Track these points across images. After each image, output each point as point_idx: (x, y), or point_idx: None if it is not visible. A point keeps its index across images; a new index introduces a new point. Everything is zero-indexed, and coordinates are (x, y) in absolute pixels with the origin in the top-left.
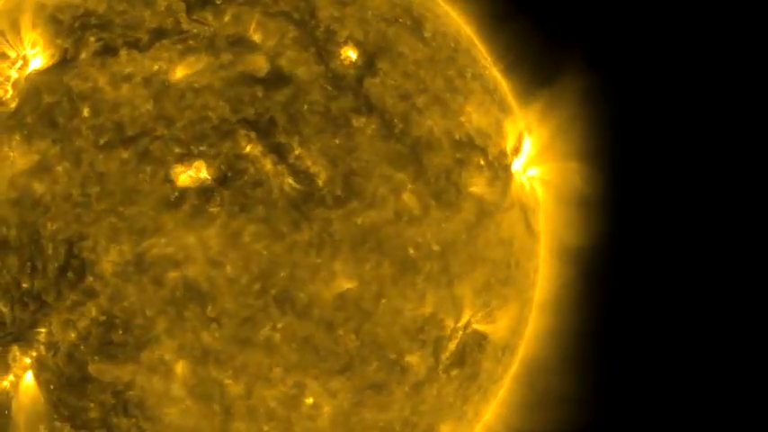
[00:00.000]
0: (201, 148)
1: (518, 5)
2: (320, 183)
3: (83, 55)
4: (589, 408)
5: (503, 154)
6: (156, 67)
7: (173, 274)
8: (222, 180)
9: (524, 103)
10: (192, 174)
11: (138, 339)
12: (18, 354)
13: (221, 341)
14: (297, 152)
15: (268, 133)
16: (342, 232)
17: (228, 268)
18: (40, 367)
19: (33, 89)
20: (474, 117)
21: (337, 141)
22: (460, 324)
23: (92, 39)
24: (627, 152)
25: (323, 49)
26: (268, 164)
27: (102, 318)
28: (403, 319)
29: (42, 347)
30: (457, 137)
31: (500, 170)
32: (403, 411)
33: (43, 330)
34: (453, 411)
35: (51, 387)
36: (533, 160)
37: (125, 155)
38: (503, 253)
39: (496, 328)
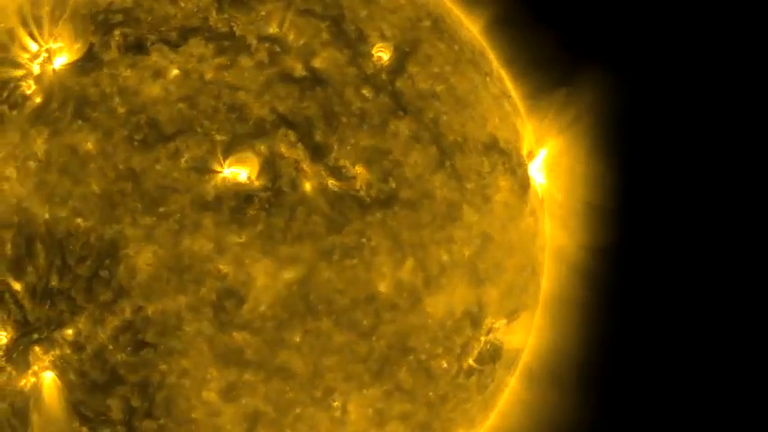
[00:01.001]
0: (240, 148)
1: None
2: (358, 185)
3: (112, 50)
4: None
5: (521, 158)
6: (189, 65)
7: (209, 276)
8: (262, 181)
9: (534, 107)
10: (230, 174)
11: (171, 341)
12: (40, 353)
13: (256, 344)
14: (335, 153)
15: (306, 134)
16: (379, 235)
17: (266, 270)
18: (62, 367)
19: (61, 84)
20: (497, 121)
21: (374, 143)
22: (484, 330)
23: (118, 33)
24: (637, 156)
25: (355, 49)
26: (307, 165)
27: (135, 318)
28: (434, 324)
29: (67, 347)
30: (484, 140)
31: (520, 175)
32: (425, 417)
33: (70, 330)
34: (467, 417)
35: (74, 387)
36: (543, 165)
37: (161, 153)
38: (522, 259)
39: (512, 335)
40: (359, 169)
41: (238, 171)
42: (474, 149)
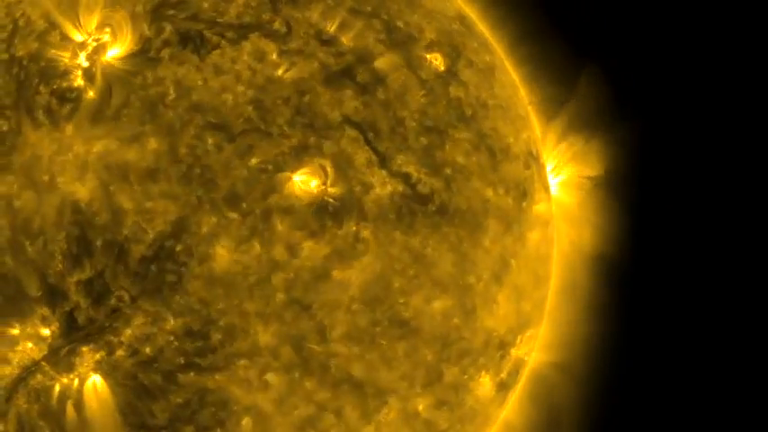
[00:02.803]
0: (310, 152)
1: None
2: (422, 191)
3: (169, 45)
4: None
5: (545, 167)
6: (250, 63)
7: (277, 283)
8: (332, 186)
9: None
10: (301, 178)
11: (233, 347)
12: (88, 354)
13: (323, 355)
14: (400, 159)
15: (372, 138)
16: (441, 246)
17: (337, 279)
18: (110, 370)
19: (117, 79)
20: (530, 129)
21: (436, 150)
22: (518, 342)
23: (170, 28)
24: (645, 160)
25: (410, 52)
26: (375, 170)
27: (197, 324)
28: (484, 337)
29: (121, 349)
30: (524, 149)
31: (547, 184)
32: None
33: (126, 331)
34: (489, 425)
35: (121, 391)
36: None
37: (230, 153)
38: (545, 271)
39: (534, 346)
40: (422, 176)
41: (309, 176)
42: (518, 158)
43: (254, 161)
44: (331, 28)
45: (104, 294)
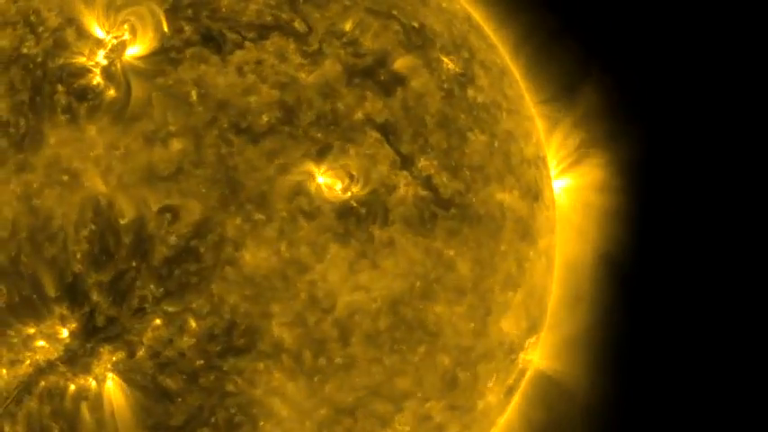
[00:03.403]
0: (334, 152)
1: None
2: (444, 195)
3: (191, 44)
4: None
5: (549, 170)
6: (272, 63)
7: (301, 286)
8: (357, 189)
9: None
10: (326, 180)
11: (255, 350)
12: (106, 355)
13: (344, 359)
14: (422, 162)
15: (394, 140)
16: (461, 250)
17: (360, 283)
18: (127, 371)
19: (139, 79)
20: (536, 132)
21: (457, 153)
22: (526, 347)
23: (190, 27)
24: (652, 166)
25: (427, 54)
26: (397, 171)
27: (221, 325)
28: (497, 342)
29: (139, 350)
30: (533, 152)
31: (552, 187)
32: None
33: (147, 332)
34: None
35: (139, 392)
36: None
37: (253, 153)
38: (551, 275)
39: (538, 351)
40: (444, 180)
41: (334, 178)
42: (530, 162)
43: (278, 162)
44: (350, 28)
45: (126, 295)
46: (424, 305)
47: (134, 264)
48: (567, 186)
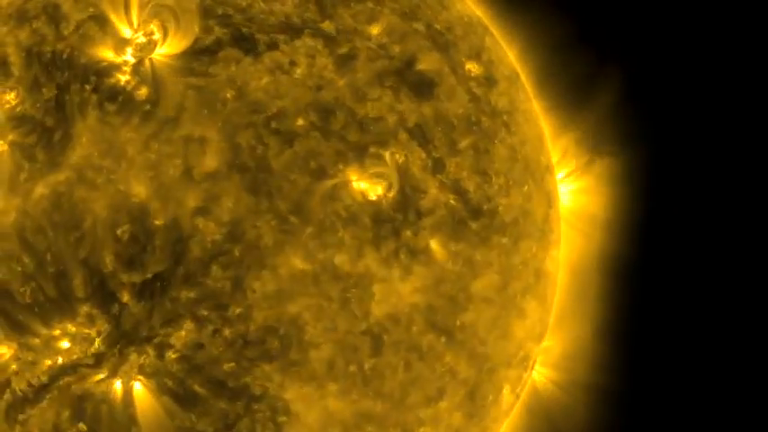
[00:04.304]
0: (368, 155)
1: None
2: (473, 200)
3: (222, 44)
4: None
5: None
6: (305, 64)
7: (336, 292)
8: (392, 193)
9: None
10: (362, 185)
11: (286, 356)
12: (134, 357)
13: (373, 367)
14: (452, 166)
15: (426, 143)
16: (489, 256)
17: (394, 289)
18: (155, 373)
19: (170, 78)
20: (545, 137)
21: (483, 156)
22: (535, 354)
23: (220, 27)
24: (657, 173)
25: (452, 57)
26: (429, 175)
27: (252, 330)
28: (514, 350)
29: (168, 353)
30: (545, 157)
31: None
32: None
33: (179, 335)
34: None
35: (165, 394)
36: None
37: (289, 156)
38: (556, 282)
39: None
40: (473, 184)
41: (369, 182)
42: (545, 168)
43: (314, 166)
44: (378, 31)
45: (158, 298)
46: (453, 313)
47: (167, 266)
48: (571, 192)
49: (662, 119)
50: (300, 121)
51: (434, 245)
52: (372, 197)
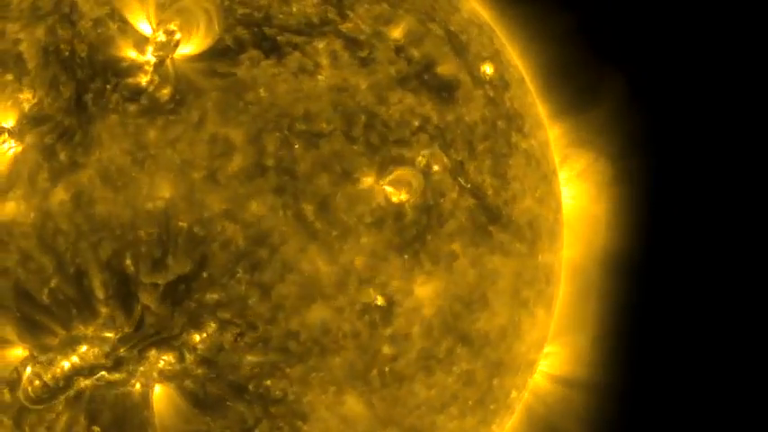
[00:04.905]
0: (391, 158)
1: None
2: (492, 204)
3: (244, 46)
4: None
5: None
6: (327, 65)
7: (360, 296)
8: (416, 197)
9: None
10: (386, 188)
11: (308, 362)
12: (153, 359)
13: (393, 374)
14: (471, 169)
15: (446, 146)
16: (507, 261)
17: (419, 296)
18: (174, 376)
19: (193, 79)
20: (548, 139)
21: (501, 160)
22: (540, 358)
23: (242, 28)
24: (658, 176)
25: (467, 60)
26: (450, 178)
27: (276, 334)
28: (524, 354)
29: (189, 356)
30: (552, 161)
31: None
32: None
33: (201, 337)
34: None
35: (184, 399)
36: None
37: (313, 158)
38: (558, 286)
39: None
40: (491, 188)
41: (393, 186)
42: (553, 172)
43: (339, 169)
44: (399, 35)
45: (180, 300)
46: (471, 319)
47: (191, 268)
48: (573, 195)
49: (664, 121)
50: (324, 124)
51: (456, 249)
52: (396, 200)
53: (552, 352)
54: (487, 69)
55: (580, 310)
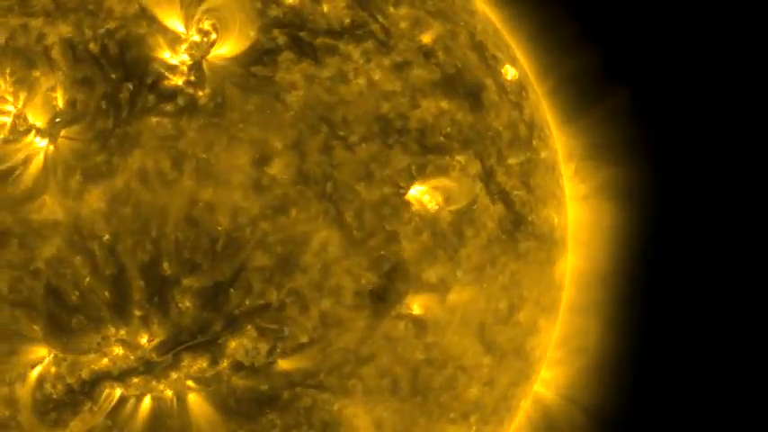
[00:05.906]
0: (429, 165)
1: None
2: (519, 212)
3: (280, 48)
4: None
5: None
6: (364, 70)
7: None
8: (452, 205)
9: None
10: (423, 197)
11: (342, 370)
12: (187, 363)
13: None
14: (500, 176)
15: (477, 153)
16: (530, 270)
17: (451, 306)
18: (208, 382)
19: (231, 80)
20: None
21: (526, 167)
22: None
23: (277, 30)
24: (660, 184)
25: (489, 65)
26: (481, 184)
27: (311, 343)
28: (534, 365)
29: (224, 359)
30: (560, 168)
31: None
32: None
33: (235, 345)
34: None
35: (216, 406)
36: None
37: (353, 165)
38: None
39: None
40: (517, 197)
41: (430, 195)
42: (563, 179)
43: (378, 176)
44: (428, 40)
45: (218, 305)
46: (499, 330)
47: (229, 274)
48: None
49: (665, 130)
50: (362, 130)
51: (488, 256)
52: (433, 207)
53: (554, 360)
54: (509, 75)
55: (582, 319)
